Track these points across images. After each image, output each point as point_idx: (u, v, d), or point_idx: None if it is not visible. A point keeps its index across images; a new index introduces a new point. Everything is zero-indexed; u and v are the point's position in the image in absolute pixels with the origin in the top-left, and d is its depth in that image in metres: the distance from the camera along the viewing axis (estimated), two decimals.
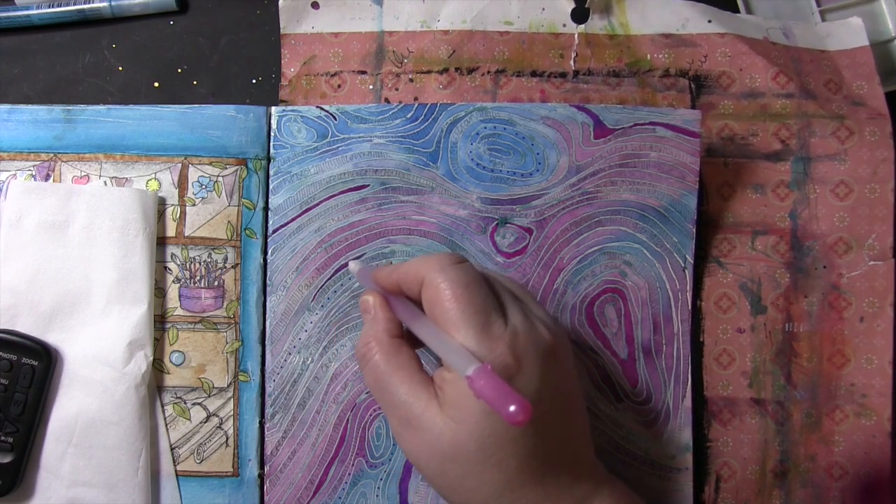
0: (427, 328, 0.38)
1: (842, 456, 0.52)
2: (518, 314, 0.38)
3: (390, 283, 0.41)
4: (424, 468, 0.38)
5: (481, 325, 0.36)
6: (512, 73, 0.54)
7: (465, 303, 0.37)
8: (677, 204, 0.51)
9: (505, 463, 0.36)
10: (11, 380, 0.48)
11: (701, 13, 0.54)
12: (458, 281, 0.37)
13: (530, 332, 0.38)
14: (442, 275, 0.38)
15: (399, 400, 0.38)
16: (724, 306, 0.53)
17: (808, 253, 0.53)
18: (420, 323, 0.39)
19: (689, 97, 0.54)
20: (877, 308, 0.52)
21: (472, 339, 0.36)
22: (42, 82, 0.55)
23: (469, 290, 0.37)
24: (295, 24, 0.54)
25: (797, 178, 0.53)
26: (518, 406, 0.31)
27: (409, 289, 0.40)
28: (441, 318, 0.37)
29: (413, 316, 0.39)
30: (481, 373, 0.33)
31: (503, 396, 0.32)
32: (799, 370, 0.52)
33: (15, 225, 0.50)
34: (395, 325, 0.41)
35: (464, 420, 0.36)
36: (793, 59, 0.54)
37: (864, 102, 0.54)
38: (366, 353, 0.40)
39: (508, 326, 0.37)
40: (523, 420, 0.31)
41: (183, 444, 0.51)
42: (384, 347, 0.39)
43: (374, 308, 0.41)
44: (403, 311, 0.40)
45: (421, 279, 0.39)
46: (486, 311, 0.37)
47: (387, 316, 0.41)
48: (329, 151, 0.52)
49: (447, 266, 0.38)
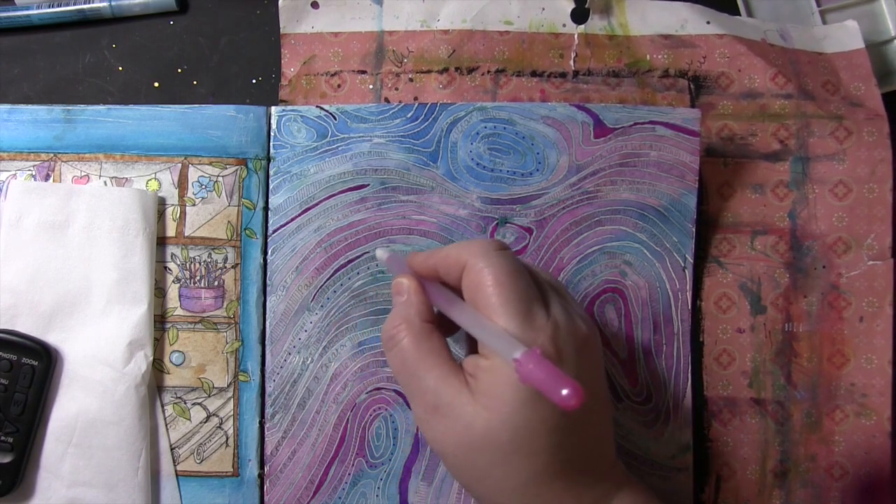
0: (467, 313, 0.37)
1: (842, 456, 0.52)
2: (559, 306, 0.38)
3: (427, 267, 0.40)
4: (450, 457, 0.37)
5: (524, 314, 0.36)
6: (512, 72, 0.54)
7: (508, 290, 0.36)
8: (677, 203, 0.51)
9: (535, 455, 0.36)
10: (11, 380, 0.48)
11: (700, 14, 0.55)
12: (502, 267, 0.37)
13: (570, 324, 0.37)
14: (486, 260, 0.37)
15: (427, 386, 0.37)
16: (724, 306, 0.53)
17: (807, 253, 0.53)
18: (459, 308, 0.38)
19: (688, 97, 0.54)
20: (876, 308, 0.52)
21: (515, 326, 0.35)
22: (42, 82, 0.55)
23: (513, 277, 0.37)
24: (295, 24, 0.55)
25: (796, 178, 0.53)
26: (571, 389, 0.30)
27: (448, 273, 0.39)
28: (483, 303, 0.37)
29: (451, 301, 0.39)
30: (531, 356, 0.32)
31: (555, 379, 0.31)
32: (799, 370, 0.52)
33: (15, 225, 0.50)
34: (428, 309, 0.40)
35: (498, 409, 0.35)
36: (791, 61, 0.55)
37: (861, 103, 0.54)
38: (395, 335, 0.39)
39: (550, 317, 0.37)
40: (576, 403, 0.30)
41: (183, 444, 0.51)
42: (415, 331, 0.39)
43: (407, 291, 0.40)
44: (440, 295, 0.40)
45: (462, 264, 0.38)
46: (529, 301, 0.37)
47: (420, 300, 0.40)
48: (329, 151, 0.52)
49: (491, 252, 0.38)
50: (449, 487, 0.51)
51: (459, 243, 0.40)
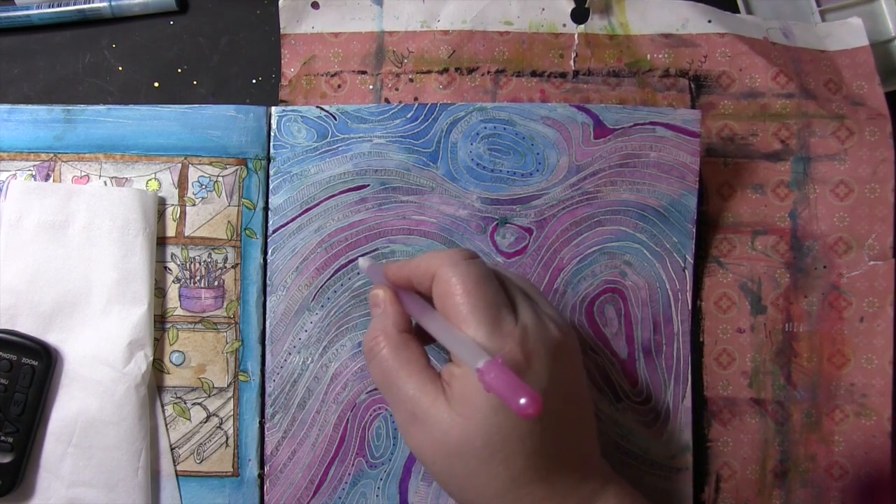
0: (437, 322, 0.38)
1: (842, 456, 0.52)
2: (528, 311, 0.38)
3: (401, 277, 0.41)
4: (430, 464, 0.38)
5: (491, 321, 0.36)
6: (512, 73, 0.54)
7: (475, 298, 0.37)
8: (677, 204, 0.51)
9: (512, 459, 0.36)
10: (11, 380, 0.48)
11: (701, 13, 0.54)
12: (469, 276, 0.37)
13: (540, 328, 0.38)
14: (453, 269, 0.38)
15: (406, 395, 0.38)
16: (724, 306, 0.53)
17: (808, 253, 0.53)
18: (430, 317, 0.39)
19: (689, 97, 0.54)
20: (877, 308, 0.52)
21: (482, 334, 0.36)
22: (42, 82, 0.55)
23: (480, 285, 0.37)
24: (295, 24, 0.54)
25: (797, 177, 0.53)
26: (528, 399, 0.31)
27: (420, 283, 0.40)
28: (451, 312, 0.37)
29: (423, 310, 0.39)
30: (492, 365, 0.33)
31: (513, 389, 0.32)
32: (799, 370, 0.52)
33: (15, 225, 0.50)
34: (405, 319, 0.41)
35: (471, 416, 0.36)
36: (792, 59, 0.54)
37: (863, 102, 0.54)
38: (373, 347, 0.40)
39: (518, 323, 0.37)
40: (534, 413, 0.31)
41: (183, 444, 0.51)
42: (392, 341, 0.39)
43: (383, 302, 0.41)
44: (413, 305, 0.40)
45: (432, 274, 0.39)
46: (497, 307, 0.37)
47: (396, 310, 0.41)
48: (329, 151, 0.52)
49: (459, 261, 0.38)
50: None
51: (430, 253, 0.41)
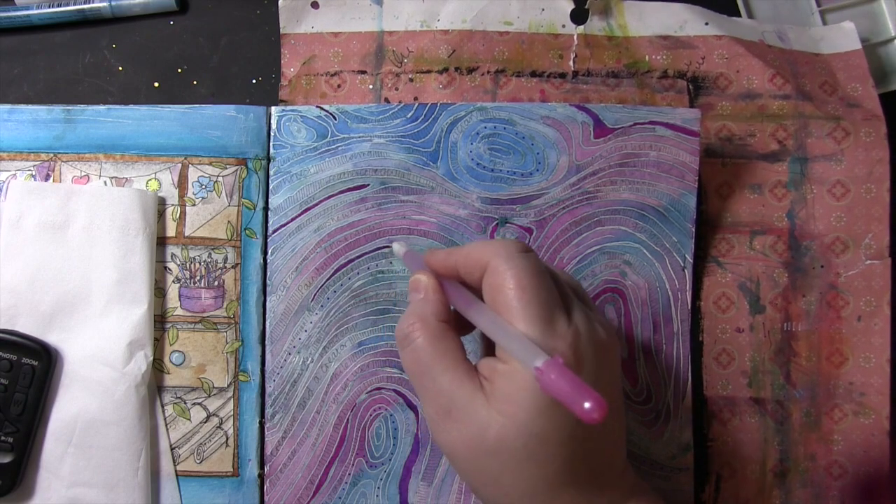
0: (487, 316, 0.36)
1: (841, 455, 0.52)
2: (580, 313, 0.37)
3: (447, 265, 0.39)
4: (460, 461, 0.37)
5: (545, 319, 0.35)
6: (512, 73, 0.54)
7: (531, 294, 0.35)
8: (677, 203, 0.52)
9: (548, 462, 0.35)
10: (11, 380, 0.48)
11: (698, 15, 0.55)
12: (525, 270, 0.36)
13: (591, 332, 0.36)
14: (508, 262, 0.36)
15: (440, 388, 0.36)
16: (724, 306, 0.53)
17: (805, 252, 0.53)
18: (478, 309, 0.37)
19: (687, 98, 0.54)
20: (874, 307, 0.52)
21: (536, 332, 0.35)
22: (42, 82, 0.55)
23: (535, 281, 0.36)
24: (295, 24, 0.55)
25: (794, 178, 0.53)
26: (594, 402, 0.29)
27: (469, 273, 0.38)
28: (503, 306, 0.36)
29: (470, 302, 0.38)
30: (552, 365, 0.31)
31: (577, 391, 0.30)
32: (798, 369, 0.52)
33: (15, 225, 0.50)
34: (445, 309, 0.39)
35: (514, 414, 0.34)
36: (788, 62, 0.55)
37: (858, 104, 0.54)
38: (409, 334, 0.38)
39: (571, 324, 0.36)
40: (599, 417, 0.29)
41: (183, 444, 0.51)
42: (431, 330, 0.37)
43: (425, 289, 0.39)
44: (459, 296, 0.39)
45: (484, 264, 0.37)
46: (551, 306, 0.36)
47: (438, 298, 0.39)
48: (329, 151, 0.52)
49: (514, 254, 0.37)
50: (449, 487, 0.51)
51: (481, 242, 0.39)
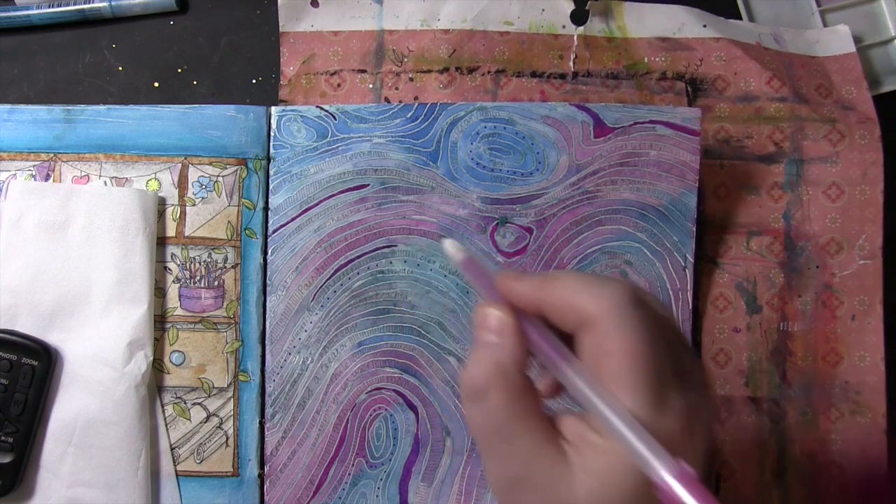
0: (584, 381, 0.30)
1: (838, 454, 0.52)
2: (694, 379, 0.31)
3: (529, 300, 0.32)
4: None
5: (656, 392, 0.29)
6: (512, 73, 0.55)
7: (644, 361, 0.29)
8: (677, 203, 0.52)
9: None
10: (11, 380, 0.48)
11: (696, 18, 0.55)
12: (639, 333, 0.29)
13: (704, 403, 0.31)
14: (621, 321, 0.29)
15: (516, 453, 0.30)
16: (721, 306, 0.53)
17: (801, 253, 0.54)
18: (575, 370, 0.30)
19: (685, 100, 0.55)
20: (867, 306, 0.53)
21: (642, 405, 0.28)
22: (42, 82, 0.55)
23: (652, 346, 0.29)
24: (294, 23, 0.55)
25: (790, 179, 0.54)
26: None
27: (559, 317, 0.31)
28: (607, 371, 0.29)
29: (560, 356, 0.31)
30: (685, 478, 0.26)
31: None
32: (794, 369, 0.53)
33: (15, 225, 0.50)
34: (525, 356, 0.32)
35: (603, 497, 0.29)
36: (785, 64, 0.55)
37: (853, 107, 0.55)
38: (483, 389, 0.31)
39: (685, 396, 0.30)
40: None
41: (183, 444, 0.51)
42: (511, 386, 0.31)
43: (503, 333, 0.32)
44: (548, 346, 0.31)
45: (585, 314, 0.30)
46: (665, 375, 0.29)
47: (520, 344, 0.31)
48: (329, 151, 0.52)
49: (628, 311, 0.30)
50: (449, 488, 0.51)
51: (581, 282, 0.31)
